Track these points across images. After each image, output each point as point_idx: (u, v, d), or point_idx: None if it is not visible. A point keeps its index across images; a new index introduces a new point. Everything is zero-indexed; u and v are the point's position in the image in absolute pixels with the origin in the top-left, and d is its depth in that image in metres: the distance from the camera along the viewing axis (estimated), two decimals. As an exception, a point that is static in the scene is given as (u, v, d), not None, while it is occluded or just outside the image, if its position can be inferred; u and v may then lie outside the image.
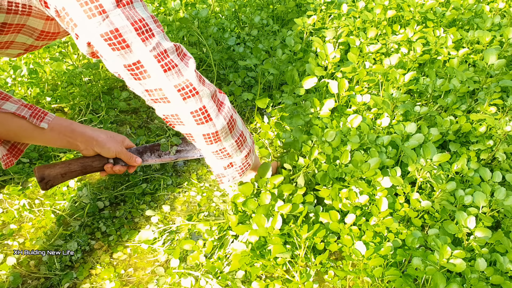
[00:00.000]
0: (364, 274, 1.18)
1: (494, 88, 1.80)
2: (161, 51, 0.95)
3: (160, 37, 0.96)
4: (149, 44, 0.93)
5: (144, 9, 0.93)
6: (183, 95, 1.01)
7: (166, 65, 0.96)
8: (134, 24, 0.90)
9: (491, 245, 1.30)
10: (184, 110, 1.04)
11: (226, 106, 1.14)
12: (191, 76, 1.01)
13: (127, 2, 0.89)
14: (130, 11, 0.89)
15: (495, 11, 2.48)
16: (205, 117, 1.07)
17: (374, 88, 1.97)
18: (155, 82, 0.98)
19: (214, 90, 1.10)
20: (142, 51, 0.93)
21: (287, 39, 2.05)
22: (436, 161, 1.38)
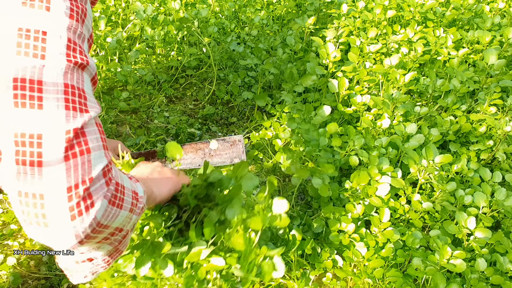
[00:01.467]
0: (365, 275, 1.18)
1: (494, 88, 1.80)
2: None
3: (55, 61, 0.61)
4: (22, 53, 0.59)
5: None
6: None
7: (23, 97, 0.58)
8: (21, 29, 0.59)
9: (491, 246, 1.31)
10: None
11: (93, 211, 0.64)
12: (55, 133, 0.60)
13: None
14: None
15: (495, 11, 2.48)
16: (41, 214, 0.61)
17: (374, 88, 1.97)
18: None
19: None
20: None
21: (288, 38, 2.05)
22: (438, 162, 1.38)
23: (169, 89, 2.11)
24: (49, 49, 0.60)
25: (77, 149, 0.61)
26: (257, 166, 1.76)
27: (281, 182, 1.71)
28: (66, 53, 0.62)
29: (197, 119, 1.98)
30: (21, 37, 0.58)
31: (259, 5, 2.63)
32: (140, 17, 2.17)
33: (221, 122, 1.98)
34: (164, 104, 2.05)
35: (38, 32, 0.59)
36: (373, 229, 1.31)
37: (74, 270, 0.82)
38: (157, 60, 2.19)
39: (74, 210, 0.61)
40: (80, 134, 0.62)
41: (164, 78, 2.14)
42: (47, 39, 0.60)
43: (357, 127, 1.76)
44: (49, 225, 0.61)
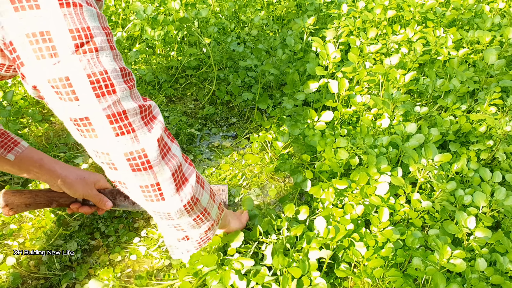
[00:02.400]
0: (365, 275, 1.18)
1: (494, 88, 1.80)
2: (118, 111, 0.79)
3: (124, 94, 0.79)
4: (103, 102, 0.76)
5: (113, 60, 0.78)
6: (133, 166, 0.84)
7: (120, 128, 0.79)
8: (91, 76, 0.74)
9: (491, 245, 1.30)
10: (132, 182, 0.88)
11: (189, 185, 0.96)
12: (149, 145, 0.84)
13: (90, 49, 0.73)
14: (90, 60, 0.74)
15: (495, 11, 2.48)
16: (156, 196, 0.90)
17: (374, 88, 1.97)
18: (103, 145, 0.82)
19: (178, 164, 0.92)
20: (93, 107, 0.76)
21: (288, 39, 2.05)
22: (437, 161, 1.38)
23: (169, 89, 2.11)
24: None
25: (164, 150, 0.88)
26: (258, 168, 1.76)
27: (281, 182, 1.71)
28: (124, 81, 0.80)
29: (197, 119, 1.98)
30: (93, 83, 0.77)
31: (259, 5, 2.64)
32: (140, 17, 2.17)
33: (221, 123, 1.99)
34: (164, 104, 2.05)
35: (102, 73, 0.77)
36: (372, 229, 1.31)
37: (175, 247, 1.10)
38: (157, 60, 2.19)
39: (179, 186, 0.92)
40: (164, 144, 0.88)
41: (164, 78, 2.14)
42: (110, 76, 0.78)
43: (357, 127, 1.76)
44: (165, 199, 0.91)
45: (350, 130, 1.74)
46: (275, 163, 1.73)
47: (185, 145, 1.84)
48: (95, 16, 0.74)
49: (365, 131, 1.58)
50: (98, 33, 0.74)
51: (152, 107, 0.87)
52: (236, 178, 1.70)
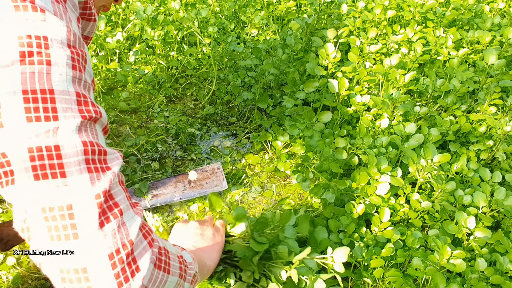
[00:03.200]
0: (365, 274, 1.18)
1: (494, 88, 1.80)
2: (48, 145, 0.55)
3: (69, 125, 0.57)
4: (33, 128, 0.54)
5: (74, 82, 0.59)
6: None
7: (43, 168, 0.55)
8: (26, 94, 0.54)
9: (491, 245, 1.30)
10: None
11: (139, 277, 0.60)
12: (84, 201, 0.56)
13: (40, 61, 0.55)
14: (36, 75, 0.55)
15: (495, 11, 2.48)
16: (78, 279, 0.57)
17: (374, 88, 1.97)
18: (20, 192, 0.57)
19: (122, 243, 0.59)
20: (18, 134, 0.54)
21: (288, 38, 2.05)
22: (436, 161, 1.38)
23: (169, 89, 2.11)
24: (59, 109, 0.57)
25: (109, 213, 0.58)
26: (259, 167, 1.76)
27: (282, 182, 1.71)
28: (78, 109, 0.58)
29: (197, 119, 1.98)
30: (29, 101, 0.54)
31: (259, 5, 2.63)
32: (140, 17, 2.17)
33: (221, 122, 1.99)
34: (164, 104, 2.05)
35: (44, 92, 0.56)
36: (373, 229, 1.31)
37: None
38: (157, 60, 2.19)
39: (120, 277, 0.57)
40: (109, 197, 0.59)
41: (164, 78, 2.14)
42: (56, 98, 0.56)
43: (357, 127, 1.76)
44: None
45: (350, 130, 1.74)
46: (275, 163, 1.74)
47: (185, 145, 1.84)
48: (62, 29, 0.59)
49: (365, 131, 1.58)
50: (57, 47, 0.57)
51: (109, 155, 0.62)
52: (236, 176, 1.70)
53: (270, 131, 1.89)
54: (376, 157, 1.48)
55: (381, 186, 1.38)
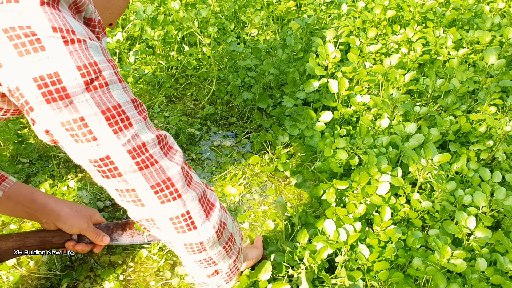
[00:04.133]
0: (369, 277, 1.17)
1: (494, 88, 1.80)
2: (138, 144, 0.76)
3: (140, 126, 0.77)
4: (122, 137, 0.74)
5: (124, 92, 0.75)
6: (161, 197, 0.81)
7: (143, 162, 0.77)
8: (106, 112, 0.71)
9: (491, 245, 1.30)
10: (161, 215, 0.84)
11: (216, 209, 0.94)
12: (174, 175, 0.81)
13: (101, 84, 0.70)
14: (102, 96, 0.71)
15: (495, 11, 2.48)
16: (187, 225, 0.87)
17: (374, 88, 1.97)
18: (128, 182, 0.79)
19: (202, 190, 0.90)
20: (112, 144, 0.73)
21: (287, 39, 2.05)
22: (437, 161, 1.38)
23: (169, 89, 2.11)
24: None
25: (188, 177, 0.87)
26: (259, 168, 1.76)
27: (282, 182, 1.71)
28: (138, 112, 0.78)
29: (197, 119, 1.98)
30: (109, 119, 0.75)
31: (259, 5, 2.64)
32: (140, 17, 2.17)
33: (221, 122, 1.99)
34: (164, 104, 2.05)
35: (116, 108, 0.75)
36: (375, 228, 1.31)
37: (205, 284, 1.05)
38: (157, 60, 2.19)
39: (207, 212, 0.91)
40: (186, 172, 0.87)
41: (164, 78, 2.14)
42: (124, 109, 0.77)
43: (357, 127, 1.76)
44: (197, 227, 0.88)
45: (350, 130, 1.74)
46: (275, 163, 1.74)
47: (185, 145, 1.84)
48: (99, 50, 0.72)
49: (365, 131, 1.58)
50: (105, 67, 0.71)
51: (167, 137, 0.84)
52: (236, 176, 1.70)
53: (270, 131, 1.89)
54: (376, 157, 1.48)
55: (382, 186, 1.38)
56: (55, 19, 0.66)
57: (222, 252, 0.98)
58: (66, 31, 0.67)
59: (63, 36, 0.66)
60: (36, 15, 0.64)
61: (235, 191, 1.64)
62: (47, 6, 0.66)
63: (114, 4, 0.91)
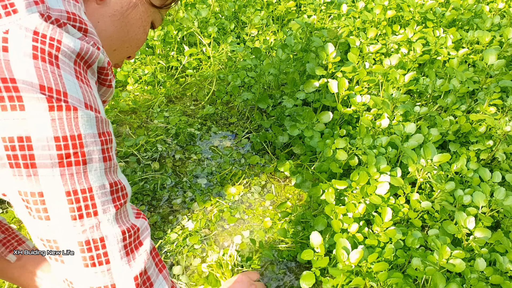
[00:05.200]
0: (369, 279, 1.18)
1: (494, 88, 1.80)
2: (94, 238, 0.63)
3: (107, 217, 0.64)
4: (79, 225, 0.62)
5: (103, 174, 0.64)
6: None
7: (92, 258, 0.64)
8: (71, 194, 0.60)
9: (490, 245, 1.31)
10: None
11: None
12: (123, 281, 0.67)
13: (77, 162, 0.60)
14: (75, 175, 0.61)
15: (494, 11, 2.48)
16: None
17: (374, 88, 1.97)
18: (68, 273, 0.66)
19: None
20: (64, 231, 0.62)
21: (287, 39, 2.05)
22: (436, 161, 1.38)
23: (169, 89, 2.11)
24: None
25: (147, 275, 0.70)
26: (258, 167, 1.76)
27: (281, 182, 1.71)
28: (112, 199, 0.65)
29: (197, 119, 1.98)
30: (72, 202, 0.62)
31: (259, 5, 2.64)
32: (140, 17, 2.17)
33: (221, 122, 1.99)
34: (164, 104, 2.05)
35: (85, 192, 0.63)
36: (375, 229, 1.31)
37: None
38: (157, 60, 2.19)
39: None
40: (146, 279, 0.70)
41: (164, 78, 2.14)
42: (95, 195, 0.63)
43: (357, 127, 1.76)
44: None
45: (350, 130, 1.74)
46: (275, 163, 1.74)
47: (185, 145, 1.84)
48: (93, 121, 0.61)
49: (365, 131, 1.58)
50: (90, 143, 0.61)
51: (141, 230, 0.70)
52: (236, 176, 1.71)
53: (270, 131, 1.89)
54: (376, 157, 1.48)
55: (381, 186, 1.38)
56: (47, 76, 0.56)
57: None
58: (57, 93, 0.57)
59: (49, 99, 0.56)
60: (25, 68, 0.55)
61: (234, 191, 1.64)
62: (41, 60, 0.56)
63: (132, 38, 0.83)
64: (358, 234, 1.30)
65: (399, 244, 1.29)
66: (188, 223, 1.52)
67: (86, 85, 0.62)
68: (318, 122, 1.68)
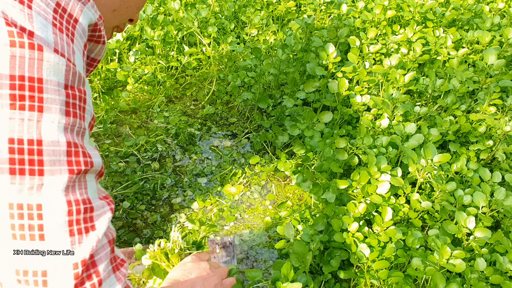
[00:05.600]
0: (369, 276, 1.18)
1: (494, 88, 1.80)
2: (29, 203, 0.51)
3: (54, 181, 0.52)
4: (17, 182, 0.50)
5: (66, 131, 0.54)
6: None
7: (21, 228, 0.52)
8: (12, 143, 0.50)
9: (490, 245, 1.31)
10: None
11: None
12: (61, 269, 0.54)
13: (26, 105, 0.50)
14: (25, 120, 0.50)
15: (494, 11, 2.48)
16: None
17: (374, 88, 1.97)
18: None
19: None
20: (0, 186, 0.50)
21: (287, 39, 2.05)
22: (436, 161, 1.38)
23: (169, 89, 2.11)
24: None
25: (87, 283, 0.55)
26: (258, 167, 1.76)
27: (281, 182, 1.71)
28: (67, 162, 0.53)
29: (197, 119, 1.98)
30: (13, 152, 0.50)
31: (259, 5, 2.64)
32: (140, 17, 2.17)
33: (221, 122, 1.99)
34: (164, 104, 2.05)
35: (32, 143, 0.51)
36: (375, 228, 1.31)
37: None
38: (157, 60, 2.19)
39: None
40: (91, 265, 0.56)
41: (164, 78, 2.14)
42: (44, 150, 0.51)
43: (357, 127, 1.76)
44: None
45: (350, 130, 1.74)
46: (275, 163, 1.74)
47: (185, 145, 1.84)
48: (60, 68, 0.53)
49: (365, 131, 1.58)
50: (52, 90, 0.52)
51: (96, 211, 0.57)
52: (236, 176, 1.71)
53: (270, 131, 1.89)
54: (376, 157, 1.48)
55: (382, 185, 1.38)
56: (15, 12, 0.50)
57: None
58: (21, 29, 0.50)
59: (10, 33, 0.49)
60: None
61: (234, 190, 1.64)
62: (16, 0, 0.51)
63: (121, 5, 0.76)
64: (358, 233, 1.30)
65: (399, 244, 1.29)
66: (188, 222, 1.52)
67: (66, 36, 0.55)
68: (318, 122, 1.68)
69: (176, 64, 2.17)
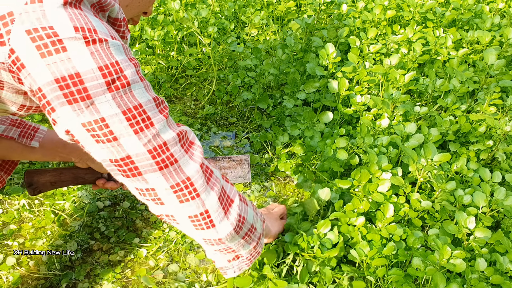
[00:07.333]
0: (367, 273, 1.18)
1: (494, 88, 1.80)
2: (159, 144, 0.77)
3: (161, 125, 0.77)
4: (143, 137, 0.74)
5: (145, 91, 0.75)
6: (180, 197, 0.83)
7: (163, 161, 0.78)
8: (127, 113, 0.71)
9: (491, 245, 1.30)
10: (180, 213, 0.86)
11: (235, 205, 0.94)
12: (193, 174, 0.83)
13: (122, 84, 0.70)
14: (124, 96, 0.71)
15: (494, 11, 2.48)
16: (206, 223, 0.89)
17: (374, 88, 1.97)
18: (148, 181, 0.80)
19: (221, 187, 0.91)
20: (133, 145, 0.74)
21: (287, 39, 2.05)
22: (436, 161, 1.38)
23: (169, 89, 2.11)
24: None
25: (207, 174, 0.87)
26: (258, 168, 1.76)
27: (282, 181, 1.71)
28: (159, 111, 0.79)
29: (197, 119, 1.98)
30: (130, 119, 0.75)
31: (259, 5, 2.64)
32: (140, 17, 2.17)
33: (221, 122, 1.99)
34: (164, 104, 2.05)
35: (137, 108, 0.76)
36: (377, 224, 1.32)
37: (226, 268, 1.08)
38: (157, 60, 2.19)
39: (226, 210, 0.91)
40: (206, 167, 0.89)
41: (164, 78, 2.14)
42: (145, 109, 0.76)
43: (357, 127, 1.76)
44: (215, 225, 0.90)
45: (350, 130, 1.74)
46: (275, 163, 1.74)
47: (185, 145, 1.84)
48: (121, 49, 0.72)
49: (365, 131, 1.58)
50: (127, 66, 0.71)
51: (188, 132, 0.85)
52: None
53: (270, 131, 1.89)
54: (377, 156, 1.48)
55: (383, 184, 1.39)
56: (77, 18, 0.66)
57: (241, 242, 1.01)
58: (88, 31, 0.67)
59: (84, 36, 0.66)
60: (59, 15, 0.65)
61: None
62: (69, 6, 0.66)
63: (133, 0, 0.91)
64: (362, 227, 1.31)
65: (400, 243, 1.29)
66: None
67: (102, 21, 0.72)
68: (319, 122, 1.68)
69: (176, 64, 2.17)
